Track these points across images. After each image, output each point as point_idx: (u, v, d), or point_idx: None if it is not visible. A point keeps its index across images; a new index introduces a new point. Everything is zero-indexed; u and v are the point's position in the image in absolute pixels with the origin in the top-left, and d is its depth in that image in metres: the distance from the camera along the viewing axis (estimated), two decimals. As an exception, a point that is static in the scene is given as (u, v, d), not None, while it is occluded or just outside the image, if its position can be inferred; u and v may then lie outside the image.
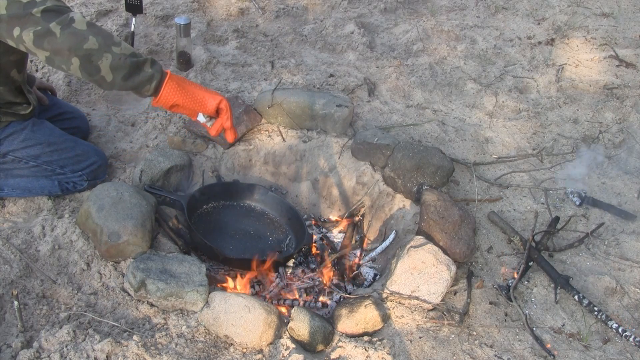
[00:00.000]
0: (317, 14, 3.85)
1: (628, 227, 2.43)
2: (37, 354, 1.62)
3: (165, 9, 3.59)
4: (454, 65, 3.40)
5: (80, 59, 1.63)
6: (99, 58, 1.64)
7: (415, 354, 1.82)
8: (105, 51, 1.64)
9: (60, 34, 1.60)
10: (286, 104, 2.64)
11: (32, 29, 1.60)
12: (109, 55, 1.65)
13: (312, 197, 2.66)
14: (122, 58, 1.66)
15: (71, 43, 1.61)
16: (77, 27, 1.62)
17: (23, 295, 1.83)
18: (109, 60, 1.65)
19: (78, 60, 1.63)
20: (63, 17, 1.62)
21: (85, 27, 1.63)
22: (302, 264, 2.30)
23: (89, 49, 1.62)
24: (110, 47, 1.64)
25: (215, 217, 2.37)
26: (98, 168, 2.23)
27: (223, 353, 1.74)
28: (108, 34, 1.68)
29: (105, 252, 1.94)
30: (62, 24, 1.61)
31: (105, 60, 1.64)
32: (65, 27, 1.61)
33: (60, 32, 1.60)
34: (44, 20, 1.60)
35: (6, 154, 2.07)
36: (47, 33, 1.60)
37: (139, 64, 1.69)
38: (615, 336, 1.96)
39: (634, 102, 3.09)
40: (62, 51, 1.62)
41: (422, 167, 2.37)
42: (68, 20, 1.62)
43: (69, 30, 1.61)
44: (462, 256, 2.10)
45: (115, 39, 1.68)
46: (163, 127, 2.61)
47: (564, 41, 3.66)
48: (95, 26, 1.67)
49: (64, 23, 1.61)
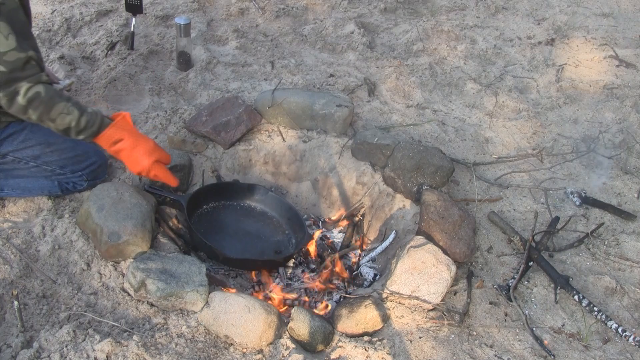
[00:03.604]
0: (317, 14, 3.85)
1: (628, 227, 2.43)
2: (37, 354, 1.62)
3: (165, 9, 3.59)
4: (454, 65, 3.40)
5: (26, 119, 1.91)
6: (41, 122, 1.88)
7: (415, 354, 1.82)
8: (41, 121, 1.88)
9: (5, 104, 1.84)
10: (286, 104, 2.64)
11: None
12: (45, 123, 1.89)
13: (312, 197, 2.66)
14: (55, 129, 1.91)
15: (19, 114, 1.86)
16: (19, 101, 1.82)
17: (23, 295, 1.83)
18: (48, 126, 1.90)
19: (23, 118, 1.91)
20: (10, 89, 1.81)
21: (26, 103, 1.83)
22: (302, 264, 2.30)
23: (33, 118, 1.87)
24: (46, 121, 1.88)
25: (215, 217, 2.37)
26: (98, 168, 2.23)
27: (223, 353, 1.74)
28: (45, 109, 1.85)
29: (105, 252, 1.94)
30: (7, 97, 1.82)
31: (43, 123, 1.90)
32: (11, 98, 1.82)
33: (4, 102, 1.83)
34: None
35: (6, 155, 2.06)
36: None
37: (67, 133, 1.93)
38: (615, 336, 1.96)
39: (634, 102, 3.09)
40: (12, 112, 1.87)
41: (422, 167, 2.37)
42: (12, 93, 1.82)
43: (12, 103, 1.83)
44: (462, 256, 2.10)
45: (52, 113, 1.86)
46: (163, 127, 2.61)
47: (564, 41, 3.66)
48: (36, 100, 1.83)
49: (9, 96, 1.82)
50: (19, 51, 1.80)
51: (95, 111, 1.96)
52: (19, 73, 1.81)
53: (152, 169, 2.02)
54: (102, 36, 3.22)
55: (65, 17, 3.36)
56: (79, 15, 3.40)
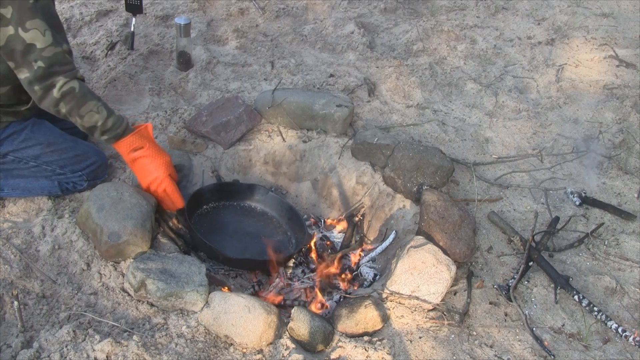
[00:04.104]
0: (317, 14, 3.85)
1: (628, 227, 2.43)
2: (37, 354, 1.62)
3: (165, 9, 3.59)
4: (454, 65, 3.40)
5: (55, 113, 1.93)
6: (69, 117, 1.93)
7: (415, 354, 1.82)
8: (70, 116, 1.93)
9: (41, 96, 1.87)
10: (286, 104, 2.64)
11: (26, 73, 1.84)
12: (73, 119, 1.94)
13: (312, 197, 2.66)
14: (81, 126, 1.96)
15: (50, 107, 1.91)
16: (54, 94, 1.86)
17: (23, 295, 1.83)
18: (74, 121, 1.95)
19: (52, 112, 1.94)
20: (47, 82, 1.85)
21: (60, 96, 1.87)
22: (302, 264, 2.30)
23: (62, 112, 1.91)
24: (75, 117, 1.92)
25: (216, 217, 2.37)
26: (98, 168, 2.23)
27: (223, 353, 1.74)
28: (76, 105, 1.90)
29: (105, 252, 1.94)
30: (43, 89, 1.86)
31: (71, 119, 1.95)
32: (46, 91, 1.86)
33: (40, 94, 1.86)
34: (34, 76, 1.83)
35: (6, 154, 2.07)
36: (32, 89, 1.87)
37: (92, 131, 1.98)
38: (615, 336, 1.96)
39: (634, 102, 3.09)
40: (42, 106, 1.92)
41: (422, 167, 2.37)
42: (49, 86, 1.86)
43: (46, 96, 1.87)
44: (462, 256, 2.10)
45: (83, 110, 1.91)
46: (163, 127, 2.61)
47: (564, 41, 3.66)
48: (69, 94, 1.87)
49: (45, 89, 1.86)
50: (56, 46, 1.84)
51: (122, 115, 2.03)
52: (57, 67, 1.85)
53: (165, 182, 2.07)
54: (102, 36, 3.22)
55: (65, 17, 3.36)
56: (79, 15, 3.40)
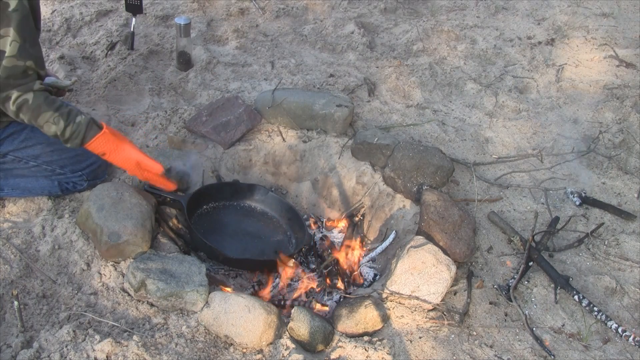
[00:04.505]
0: (317, 14, 3.85)
1: (628, 227, 2.43)
2: (37, 354, 1.62)
3: (165, 9, 3.59)
4: (454, 65, 3.40)
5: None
6: None
7: (415, 354, 1.82)
8: (34, 126, 1.94)
9: (11, 112, 1.90)
10: (286, 104, 2.64)
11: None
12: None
13: (312, 197, 2.66)
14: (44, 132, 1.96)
15: (10, 114, 1.91)
16: (10, 106, 1.86)
17: (23, 295, 1.83)
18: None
19: None
20: (3, 95, 1.85)
21: (15, 109, 1.87)
22: (302, 264, 2.30)
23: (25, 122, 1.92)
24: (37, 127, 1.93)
25: (216, 217, 2.37)
26: (98, 168, 2.23)
27: (223, 353, 1.74)
28: (32, 116, 1.89)
29: (105, 252, 1.94)
30: (1, 101, 1.87)
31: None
32: (2, 104, 1.88)
33: (11, 111, 1.89)
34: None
35: (6, 154, 2.07)
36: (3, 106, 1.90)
37: (61, 140, 1.95)
38: (615, 336, 1.96)
39: (634, 102, 3.09)
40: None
41: (422, 167, 2.37)
42: (5, 98, 1.86)
43: (4, 107, 1.88)
44: (462, 256, 2.10)
45: (39, 121, 1.90)
46: (163, 127, 2.61)
47: (564, 41, 3.66)
48: (23, 106, 1.87)
49: (2, 101, 1.86)
50: (18, 59, 1.82)
51: (82, 122, 1.93)
52: (12, 80, 1.84)
53: (138, 175, 2.07)
54: (102, 36, 3.22)
55: (65, 17, 3.36)
56: (79, 15, 3.40)
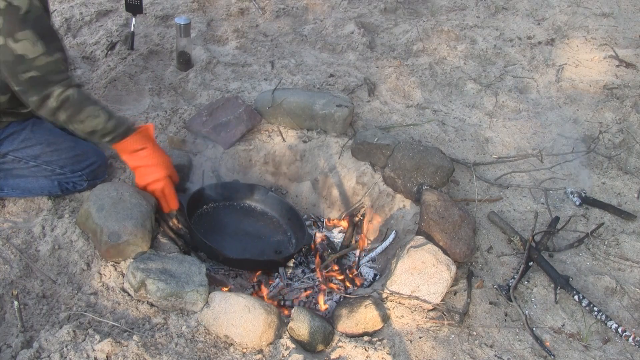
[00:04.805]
0: (317, 14, 3.85)
1: (628, 227, 2.43)
2: (37, 354, 1.62)
3: (165, 9, 3.59)
4: (454, 65, 3.40)
5: (53, 121, 1.97)
6: (68, 124, 1.95)
7: (415, 354, 1.82)
8: (69, 124, 1.95)
9: (38, 106, 1.89)
10: (286, 104, 2.64)
11: (16, 87, 1.88)
12: (72, 125, 1.95)
13: (312, 197, 2.66)
14: (81, 132, 1.98)
15: (48, 116, 1.93)
16: (50, 103, 1.88)
17: (23, 295, 1.83)
18: (73, 128, 1.96)
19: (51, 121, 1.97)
20: (44, 92, 1.86)
21: (57, 105, 1.88)
22: (302, 264, 2.30)
23: (61, 119, 1.93)
24: (74, 123, 1.94)
25: (216, 217, 2.37)
26: (98, 168, 2.23)
27: (223, 353, 1.74)
28: (75, 111, 1.92)
29: (105, 252, 1.94)
30: (40, 99, 1.87)
31: (69, 125, 1.96)
32: (43, 101, 1.88)
33: (37, 105, 1.89)
34: (28, 87, 1.86)
35: (6, 154, 2.07)
36: (28, 100, 1.89)
37: (92, 135, 1.99)
38: (615, 336, 1.96)
39: (634, 102, 3.09)
40: (40, 114, 1.94)
41: (422, 167, 2.37)
42: (46, 96, 1.87)
43: (43, 105, 1.89)
44: (462, 256, 2.10)
45: (81, 115, 1.93)
46: (163, 127, 2.61)
47: (564, 41, 3.66)
48: (67, 102, 1.89)
49: (42, 99, 1.87)
50: (47, 55, 1.85)
51: (124, 117, 2.06)
52: (51, 76, 1.87)
53: (163, 183, 2.09)
54: (102, 36, 3.22)
55: (65, 17, 3.36)
56: (79, 15, 3.40)
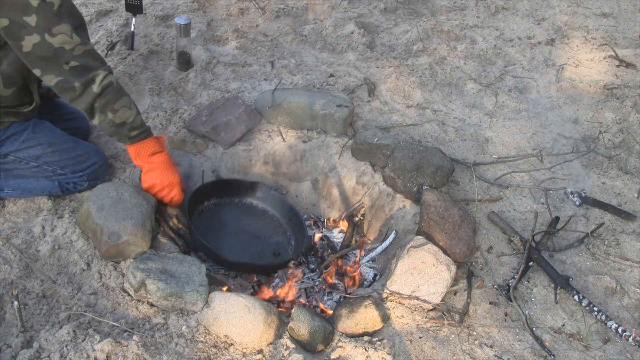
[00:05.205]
0: (317, 14, 3.85)
1: (628, 227, 2.43)
2: (37, 354, 1.62)
3: (165, 9, 3.59)
4: (454, 65, 3.40)
5: (86, 110, 1.94)
6: (101, 113, 1.95)
7: (415, 354, 1.82)
8: (102, 112, 1.94)
9: (79, 93, 1.87)
10: (286, 104, 2.64)
11: (56, 78, 1.84)
12: (105, 115, 1.95)
13: (312, 197, 2.66)
14: (111, 123, 1.97)
15: (85, 103, 1.90)
16: (94, 89, 1.88)
17: (23, 295, 1.83)
18: (104, 118, 1.97)
19: (84, 109, 1.95)
20: (87, 77, 1.86)
21: (100, 90, 1.88)
22: (302, 264, 2.30)
23: (96, 107, 1.92)
24: (108, 112, 1.94)
25: (216, 214, 2.37)
26: (98, 168, 2.23)
27: (223, 353, 1.74)
28: (113, 99, 1.93)
29: (105, 252, 1.94)
30: (83, 85, 1.86)
31: (102, 115, 1.96)
32: (86, 87, 1.87)
33: (80, 91, 1.87)
34: (71, 75, 1.84)
35: (7, 155, 2.07)
36: (69, 88, 1.86)
37: (121, 127, 1.99)
38: (615, 336, 1.96)
39: (634, 102, 3.09)
40: (76, 104, 1.91)
41: (422, 167, 2.37)
42: (89, 81, 1.87)
43: (85, 91, 1.88)
44: (462, 256, 2.10)
45: (117, 104, 1.95)
46: (163, 127, 2.61)
47: (564, 41, 3.66)
48: (109, 88, 1.91)
49: (85, 84, 1.87)
50: (84, 44, 1.87)
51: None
52: (92, 62, 1.89)
53: (176, 189, 2.14)
54: (102, 36, 3.22)
55: (66, 17, 3.36)
56: (79, 15, 3.40)
